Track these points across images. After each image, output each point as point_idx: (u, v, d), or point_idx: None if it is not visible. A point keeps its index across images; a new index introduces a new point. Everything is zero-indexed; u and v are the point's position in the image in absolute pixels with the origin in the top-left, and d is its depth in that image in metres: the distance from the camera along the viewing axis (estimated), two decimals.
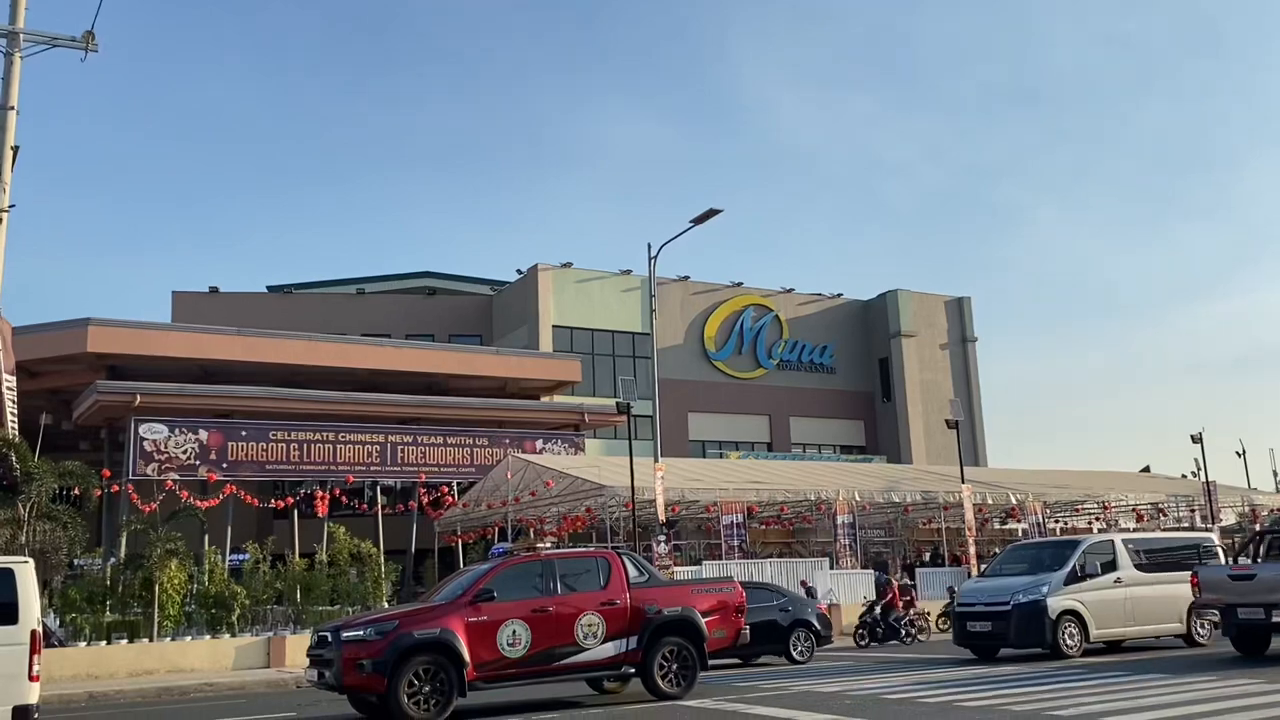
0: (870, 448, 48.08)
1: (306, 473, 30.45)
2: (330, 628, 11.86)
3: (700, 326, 45.13)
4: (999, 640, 16.00)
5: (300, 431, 30.28)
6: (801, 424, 46.75)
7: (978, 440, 48.34)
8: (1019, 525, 33.48)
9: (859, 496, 27.63)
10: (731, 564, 24.53)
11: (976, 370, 50.36)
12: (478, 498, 30.55)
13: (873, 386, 49.35)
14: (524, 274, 43.61)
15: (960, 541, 31.21)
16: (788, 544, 33.63)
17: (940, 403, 44.59)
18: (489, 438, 33.03)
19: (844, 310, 49.59)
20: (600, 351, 42.47)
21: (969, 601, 16.47)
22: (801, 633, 17.77)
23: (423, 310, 44.58)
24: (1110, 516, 34.59)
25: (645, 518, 26.83)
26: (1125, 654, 16.05)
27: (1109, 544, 16.59)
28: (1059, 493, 32.16)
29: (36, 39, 15.82)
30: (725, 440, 44.41)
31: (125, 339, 29.88)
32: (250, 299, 43.51)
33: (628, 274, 43.67)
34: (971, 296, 51.19)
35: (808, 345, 47.46)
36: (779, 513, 31.16)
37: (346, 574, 22.21)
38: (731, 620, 13.21)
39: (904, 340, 48.45)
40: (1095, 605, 15.77)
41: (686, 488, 25.94)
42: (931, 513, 32.27)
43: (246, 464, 29.44)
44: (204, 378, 31.26)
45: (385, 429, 31.67)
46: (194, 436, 28.90)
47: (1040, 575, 15.98)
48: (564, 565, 12.51)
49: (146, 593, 19.69)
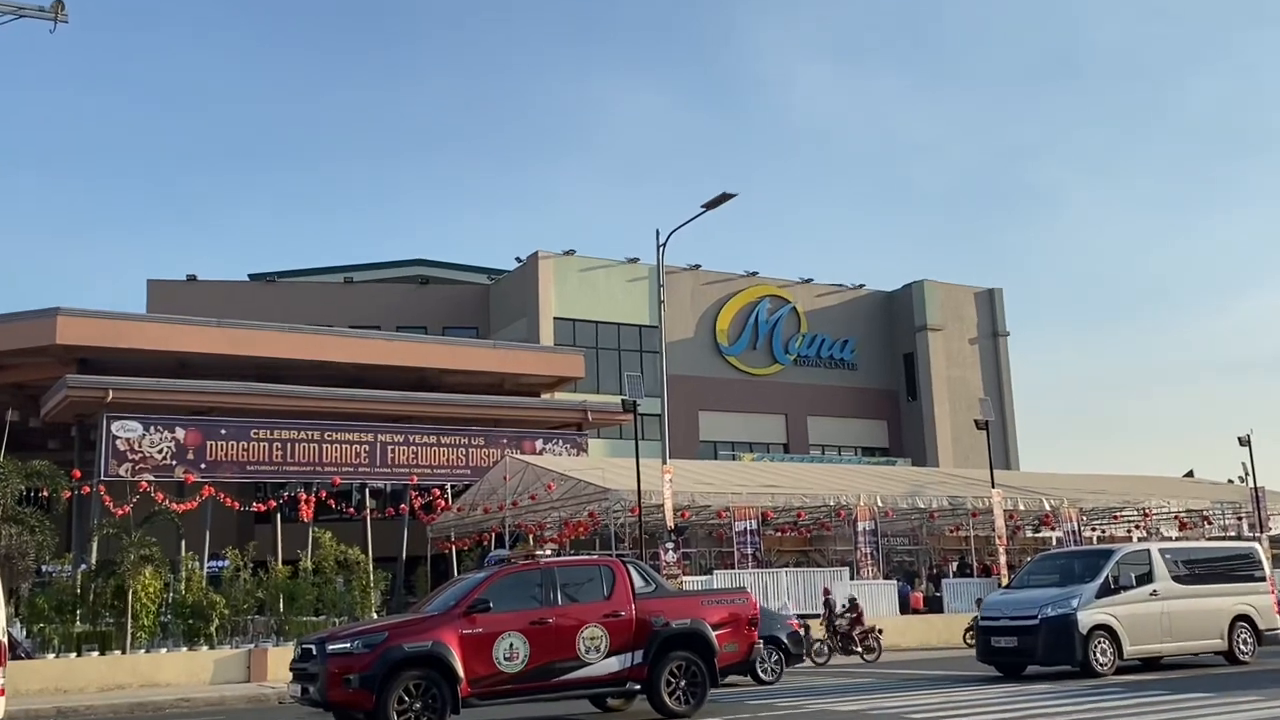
0: (894, 449, 48.12)
1: (290, 474, 30.62)
2: (315, 639, 11.98)
3: (712, 319, 45.20)
4: (1025, 657, 16.07)
5: (284, 430, 30.44)
6: (820, 424, 46.81)
7: (1009, 442, 48.35)
8: (1053, 533, 33.51)
9: (881, 502, 27.71)
10: (744, 573, 24.64)
11: (1008, 367, 50.35)
12: (473, 501, 30.70)
13: (897, 384, 49.37)
14: (523, 262, 43.71)
15: (990, 550, 31.25)
16: (805, 552, 33.73)
17: (969, 401, 44.58)
18: (485, 437, 33.17)
19: (866, 302, 49.60)
20: (605, 345, 42.58)
21: (993, 615, 16.54)
22: (769, 650, 17.36)
23: (415, 301, 44.71)
24: (1151, 524, 34.61)
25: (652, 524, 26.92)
26: (1162, 671, 16.12)
27: (1145, 554, 16.66)
28: (1096, 499, 32.20)
29: (1, 8, 15.93)
30: (738, 441, 44.49)
31: (97, 330, 30.05)
32: (231, 288, 43.67)
33: (634, 262, 43.75)
34: (1003, 288, 51.20)
35: (827, 339, 47.51)
36: (795, 519, 31.25)
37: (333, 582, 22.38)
38: (744, 634, 13.30)
39: (930, 334, 48.47)
40: (1129, 620, 15.84)
41: (696, 491, 26.06)
42: (959, 519, 32.33)
43: (226, 464, 29.61)
44: (181, 372, 31.42)
45: (374, 428, 31.82)
46: (170, 435, 29.08)
47: (1070, 587, 16.04)
48: (565, 574, 12.60)
49: (119, 602, 19.84)
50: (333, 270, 47.12)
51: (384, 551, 30.47)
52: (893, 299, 50.09)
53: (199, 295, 41.28)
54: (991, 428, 29.69)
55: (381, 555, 29.35)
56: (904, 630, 24.82)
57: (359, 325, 38.79)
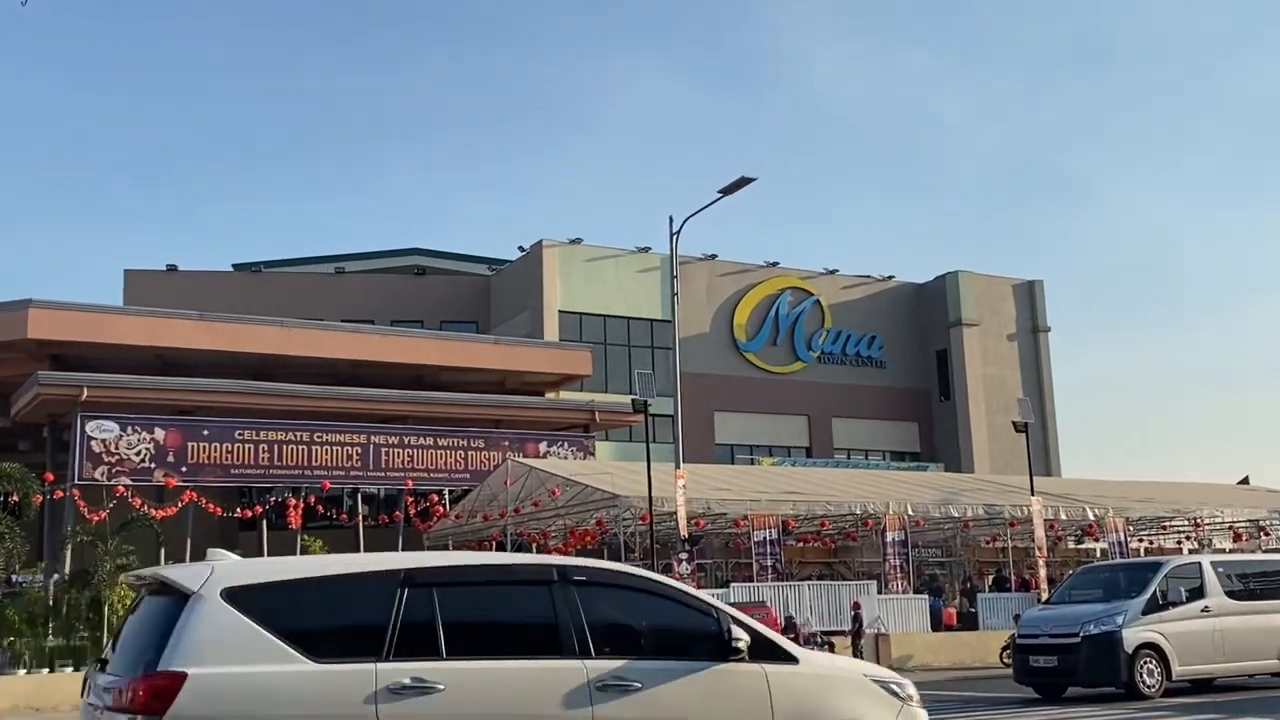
0: (925, 454, 48.03)
1: (277, 478, 30.74)
2: None
3: (729, 313, 45.19)
4: (1066, 678, 16.03)
5: (270, 431, 30.56)
6: (846, 426, 46.77)
7: (1049, 446, 48.21)
8: (1097, 545, 33.41)
9: (912, 510, 27.67)
10: (764, 587, 24.63)
11: (1049, 365, 50.21)
12: (472, 508, 30.78)
13: (928, 383, 49.28)
14: (526, 252, 43.78)
15: (1029, 563, 31.17)
16: (829, 564, 33.73)
17: (1006, 402, 44.46)
18: (486, 439, 33.24)
19: (895, 295, 49.52)
20: (614, 341, 42.61)
21: (1031, 632, 16.51)
22: None
23: (411, 293, 44.82)
24: (1203, 535, 34.46)
25: (664, 532, 26.96)
26: (1214, 694, 16.04)
27: (1196, 567, 16.60)
28: (1143, 507, 32.10)
29: None
30: (757, 444, 44.49)
31: (71, 324, 30.21)
32: (214, 279, 43.85)
33: (646, 252, 43.77)
34: (1043, 279, 51.12)
35: (853, 335, 47.46)
36: (819, 528, 31.23)
37: None
38: None
39: (965, 330, 48.36)
40: (1178, 638, 15.77)
41: (712, 498, 26.06)
42: (996, 529, 32.26)
43: (209, 467, 29.74)
44: (161, 368, 31.56)
45: (367, 428, 31.92)
46: (149, 436, 29.22)
47: (1115, 603, 16.00)
48: None
49: (94, 614, 19.94)
50: (323, 260, 47.28)
51: None
52: (924, 291, 49.99)
53: (180, 286, 41.42)
54: (1031, 430, 29.58)
55: None
56: (936, 648, 24.78)
57: (351, 319, 38.90)
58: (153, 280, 42.15)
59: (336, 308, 41.52)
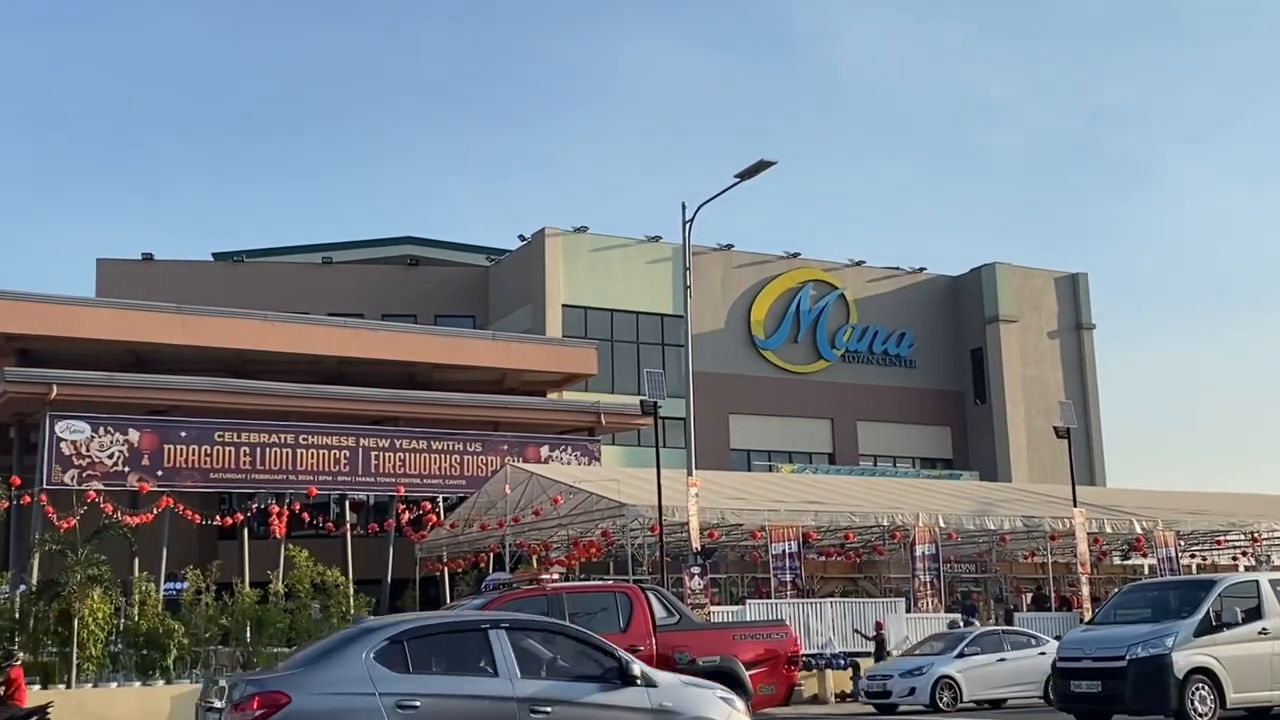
0: (959, 461, 48.00)
1: (260, 483, 30.86)
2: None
3: (746, 307, 45.22)
4: (1110, 704, 16.02)
5: (252, 432, 30.66)
6: (872, 430, 46.77)
7: (1094, 453, 48.18)
8: (1144, 560, 33.40)
9: (944, 522, 27.70)
10: (782, 604, 24.70)
11: (1094, 365, 50.16)
12: (468, 516, 30.86)
13: (962, 384, 49.24)
14: (528, 241, 43.85)
15: (1070, 580, 31.16)
16: (853, 580, 33.77)
17: (1048, 405, 44.44)
18: (483, 443, 33.31)
19: (927, 289, 49.50)
20: (621, 338, 42.67)
21: (1073, 655, 16.52)
22: None
23: (403, 284, 44.92)
24: (1261, 551, 34.44)
25: (675, 544, 27.01)
26: None
27: (1253, 585, 16.57)
28: (1195, 520, 32.09)
29: None
30: (776, 450, 44.50)
31: (39, 316, 30.34)
32: (192, 269, 44.00)
33: (656, 241, 43.80)
34: (1088, 273, 51.05)
35: (881, 332, 47.46)
36: (843, 541, 31.25)
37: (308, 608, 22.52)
38: (782, 673, 13.42)
39: (1002, 327, 48.32)
40: (1233, 662, 15.75)
41: (727, 508, 26.12)
42: (1035, 543, 32.27)
43: (186, 471, 29.85)
44: (135, 365, 31.67)
45: (356, 430, 32.01)
46: (122, 437, 29.34)
47: (1164, 624, 15.97)
48: (575, 602, 12.70)
49: (64, 628, 20.04)
50: (309, 249, 47.41)
51: (366, 573, 30.62)
52: (958, 285, 49.95)
53: (156, 277, 41.58)
54: (1074, 436, 29.59)
55: (364, 577, 29.49)
56: None
57: (339, 312, 39.03)
58: (127, 271, 42.30)
59: (324, 300, 41.63)
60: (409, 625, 9.35)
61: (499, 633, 9.16)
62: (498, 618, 9.70)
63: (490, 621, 9.43)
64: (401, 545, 32.33)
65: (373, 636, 9.02)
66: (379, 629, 9.20)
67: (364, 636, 9.05)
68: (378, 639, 8.99)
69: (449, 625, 9.75)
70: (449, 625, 9.75)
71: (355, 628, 9.54)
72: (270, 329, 32.97)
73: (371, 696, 8.59)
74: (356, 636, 9.11)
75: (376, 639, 8.99)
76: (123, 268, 42.51)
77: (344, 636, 9.31)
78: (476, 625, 9.43)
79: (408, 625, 9.34)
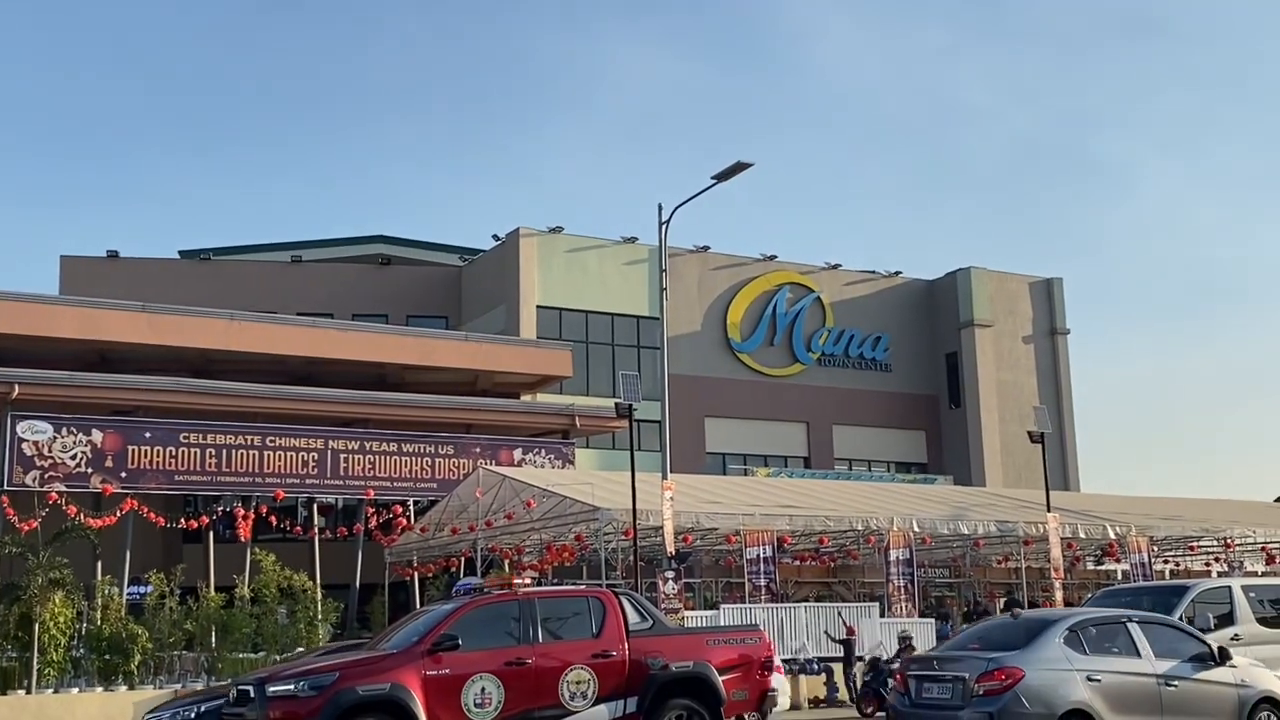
0: (933, 465, 48.24)
1: (226, 485, 30.65)
2: (253, 680, 12.05)
3: (722, 310, 45.29)
4: None
5: (218, 434, 30.47)
6: (847, 434, 46.93)
7: (1068, 458, 48.48)
8: (1118, 566, 33.58)
9: (918, 526, 27.77)
10: (756, 608, 24.69)
11: (1068, 370, 50.51)
12: (440, 520, 30.74)
13: (937, 389, 49.47)
14: (502, 241, 43.78)
15: (1044, 585, 31.31)
16: (827, 585, 33.81)
17: (1022, 410, 44.66)
18: (455, 445, 33.21)
19: (903, 292, 49.72)
20: (596, 339, 42.65)
21: None
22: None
23: (374, 284, 44.77)
24: (1234, 557, 34.68)
25: (650, 549, 26.97)
26: None
27: (1225, 591, 16.72)
28: (1169, 526, 32.30)
29: None
30: (751, 453, 44.58)
31: (1, 314, 30.06)
32: (158, 267, 43.72)
33: (632, 242, 43.83)
34: (1063, 278, 51.43)
35: (857, 335, 47.63)
36: (817, 545, 31.31)
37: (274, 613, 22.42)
38: (755, 679, 13.39)
39: (978, 331, 48.59)
40: None
41: (702, 512, 26.10)
42: (1009, 548, 32.41)
43: (151, 473, 29.63)
44: (99, 364, 31.44)
45: (325, 432, 31.85)
46: (85, 438, 29.11)
47: None
48: (547, 607, 12.66)
49: (24, 633, 19.87)
50: (278, 247, 47.20)
51: (334, 578, 30.49)
52: (934, 289, 50.21)
53: (121, 275, 41.31)
54: (1048, 441, 29.73)
55: (331, 582, 29.36)
56: None
57: (308, 312, 38.86)
58: (91, 268, 42.01)
59: (293, 300, 41.46)
60: (1078, 618, 12.91)
61: (1134, 625, 12.77)
62: (1131, 614, 13.41)
63: (1127, 616, 13.15)
64: (371, 549, 32.20)
65: (1058, 626, 12.42)
66: (1059, 620, 12.72)
67: (1052, 625, 12.46)
68: (1061, 628, 12.36)
69: (1101, 619, 12.99)
70: (1101, 619, 12.99)
71: (1036, 619, 13.18)
72: (238, 328, 32.79)
73: (1070, 672, 11.85)
74: (1046, 625, 12.50)
75: (1060, 628, 12.36)
76: (87, 265, 42.22)
77: (1038, 623, 12.73)
78: (1118, 619, 12.99)
79: (1077, 618, 12.91)
